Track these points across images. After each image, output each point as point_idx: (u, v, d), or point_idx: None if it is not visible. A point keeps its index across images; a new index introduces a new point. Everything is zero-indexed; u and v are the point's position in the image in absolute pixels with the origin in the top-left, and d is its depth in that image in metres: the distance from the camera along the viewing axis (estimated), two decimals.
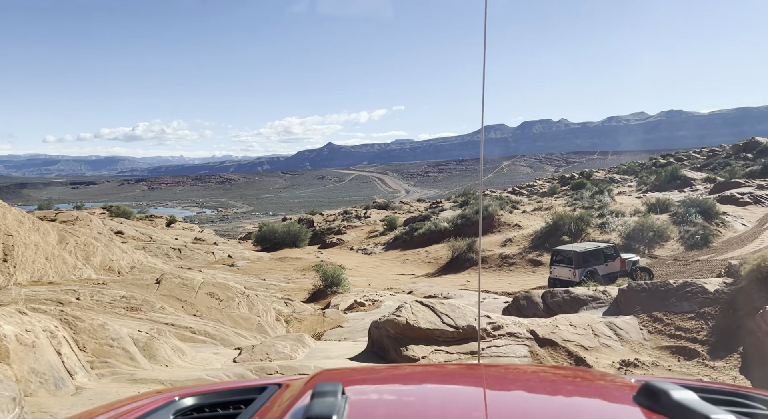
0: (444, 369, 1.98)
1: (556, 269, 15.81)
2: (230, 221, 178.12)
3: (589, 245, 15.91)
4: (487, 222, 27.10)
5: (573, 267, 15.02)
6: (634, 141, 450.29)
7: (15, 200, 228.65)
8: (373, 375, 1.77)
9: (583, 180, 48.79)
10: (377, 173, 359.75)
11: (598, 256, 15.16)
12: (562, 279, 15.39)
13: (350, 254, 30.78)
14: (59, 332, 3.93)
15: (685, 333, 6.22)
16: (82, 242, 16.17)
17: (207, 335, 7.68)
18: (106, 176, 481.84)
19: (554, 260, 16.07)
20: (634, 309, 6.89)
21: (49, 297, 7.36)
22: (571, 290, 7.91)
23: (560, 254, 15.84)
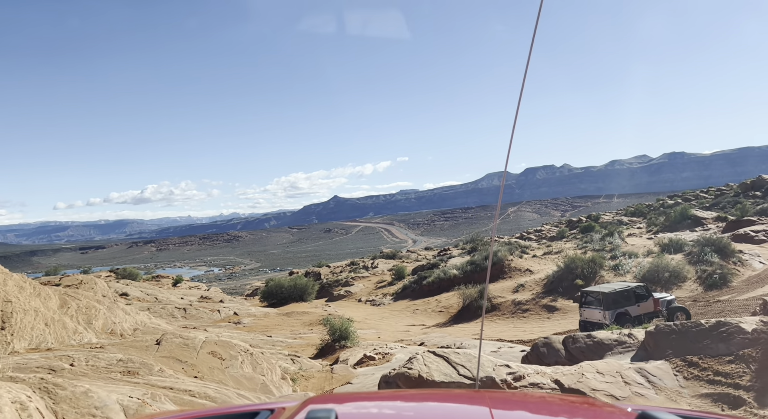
0: (442, 393, 1.92)
1: (586, 312, 15.18)
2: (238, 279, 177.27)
3: (618, 285, 15.29)
4: (497, 268, 26.56)
5: (603, 309, 14.41)
6: (637, 184, 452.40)
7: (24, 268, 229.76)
8: (367, 400, 1.74)
9: (591, 223, 48.34)
10: (383, 224, 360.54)
11: (629, 297, 14.55)
12: (593, 322, 14.77)
13: (358, 306, 30.08)
14: (32, 403, 3.56)
15: (726, 378, 5.70)
16: (84, 305, 15.80)
17: (207, 398, 7.19)
18: (114, 239, 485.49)
19: (583, 302, 15.47)
20: (665, 353, 6.36)
21: (41, 365, 6.96)
22: (594, 334, 7.40)
23: (589, 295, 15.25)
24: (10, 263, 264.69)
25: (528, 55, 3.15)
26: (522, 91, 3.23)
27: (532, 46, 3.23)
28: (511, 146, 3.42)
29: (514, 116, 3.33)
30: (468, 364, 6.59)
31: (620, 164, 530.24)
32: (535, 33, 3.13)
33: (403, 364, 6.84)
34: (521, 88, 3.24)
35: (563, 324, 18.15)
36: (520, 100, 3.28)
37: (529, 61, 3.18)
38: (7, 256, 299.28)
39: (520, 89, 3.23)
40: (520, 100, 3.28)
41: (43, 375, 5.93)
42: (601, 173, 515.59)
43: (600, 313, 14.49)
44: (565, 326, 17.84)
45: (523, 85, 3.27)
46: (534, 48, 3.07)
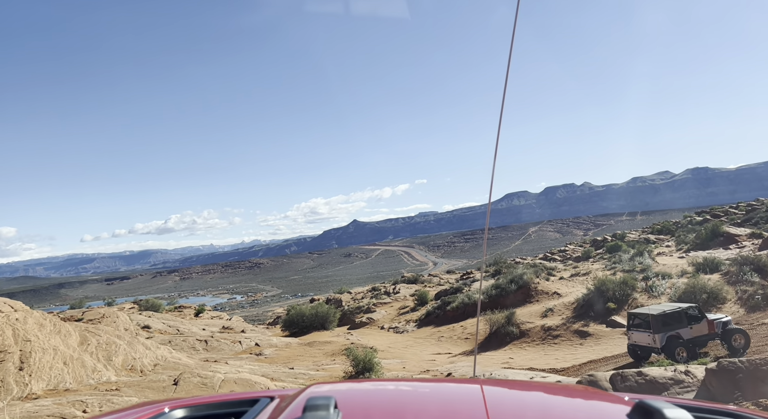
0: (441, 381, 1.97)
1: (635, 335, 14.39)
2: (260, 306, 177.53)
3: (668, 306, 14.40)
4: (523, 291, 25.77)
5: (652, 332, 13.59)
6: (661, 201, 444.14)
7: (53, 300, 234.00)
8: (367, 388, 1.73)
9: (617, 242, 47.05)
10: (403, 247, 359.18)
11: (680, 318, 13.68)
12: (642, 345, 13.99)
13: (381, 334, 29.41)
14: None
15: None
16: (104, 341, 15.60)
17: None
18: (139, 269, 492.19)
19: (631, 324, 14.68)
20: (733, 396, 5.64)
21: (52, 413, 6.65)
22: (646, 371, 6.74)
23: (637, 317, 14.48)
24: (40, 296, 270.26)
25: (504, 86, 3.29)
26: (500, 124, 3.21)
27: (507, 75, 3.29)
28: (493, 176, 3.38)
29: (495, 146, 3.30)
30: None
31: (642, 180, 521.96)
32: (510, 58, 3.28)
33: None
34: (499, 122, 3.22)
35: (597, 351, 17.30)
36: (499, 131, 3.21)
37: (505, 92, 3.14)
38: (36, 289, 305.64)
39: (498, 122, 3.21)
40: (499, 132, 3.21)
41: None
42: (623, 190, 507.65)
43: (649, 336, 13.69)
44: (599, 353, 17.00)
45: (501, 116, 3.20)
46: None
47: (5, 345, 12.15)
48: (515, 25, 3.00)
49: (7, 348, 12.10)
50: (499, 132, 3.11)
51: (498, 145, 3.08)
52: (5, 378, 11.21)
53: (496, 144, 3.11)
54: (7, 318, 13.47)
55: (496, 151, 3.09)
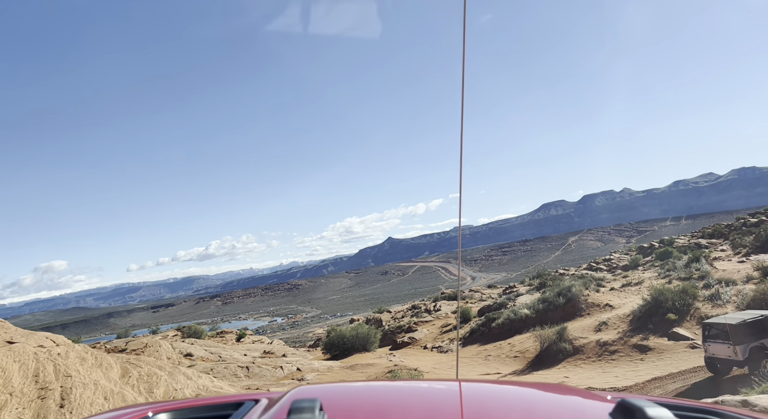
0: (422, 382, 1.93)
1: (712, 347, 13.22)
2: (300, 327, 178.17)
3: (747, 314, 13.17)
4: (572, 304, 24.50)
5: (732, 343, 12.41)
6: (706, 203, 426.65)
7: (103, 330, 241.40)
8: (352, 390, 1.75)
9: (667, 248, 44.78)
10: (440, 262, 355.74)
11: (763, 327, 12.45)
12: (722, 358, 12.86)
13: (425, 354, 28.47)
14: None
15: None
16: (145, 373, 15.38)
17: None
18: (183, 296, 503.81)
19: (707, 335, 13.54)
20: None
21: None
22: (752, 400, 5.75)
23: (713, 327, 13.33)
24: (91, 326, 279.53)
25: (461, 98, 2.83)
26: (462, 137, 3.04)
27: (463, 83, 2.85)
28: (461, 196, 3.56)
29: (459, 169, 3.50)
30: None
31: (685, 184, 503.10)
32: (464, 63, 2.76)
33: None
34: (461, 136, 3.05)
35: (661, 367, 16.00)
36: (461, 149, 3.34)
37: (463, 105, 2.96)
38: (87, 319, 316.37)
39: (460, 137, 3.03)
40: (461, 150, 3.34)
41: None
42: (664, 194, 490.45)
43: (729, 348, 12.49)
44: (663, 369, 15.71)
45: (462, 133, 3.04)
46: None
47: (46, 382, 12.01)
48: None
49: (48, 384, 11.95)
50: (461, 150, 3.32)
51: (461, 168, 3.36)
52: (46, 416, 11.01)
53: (460, 173, 3.33)
54: (49, 353, 13.40)
55: (461, 178, 3.29)
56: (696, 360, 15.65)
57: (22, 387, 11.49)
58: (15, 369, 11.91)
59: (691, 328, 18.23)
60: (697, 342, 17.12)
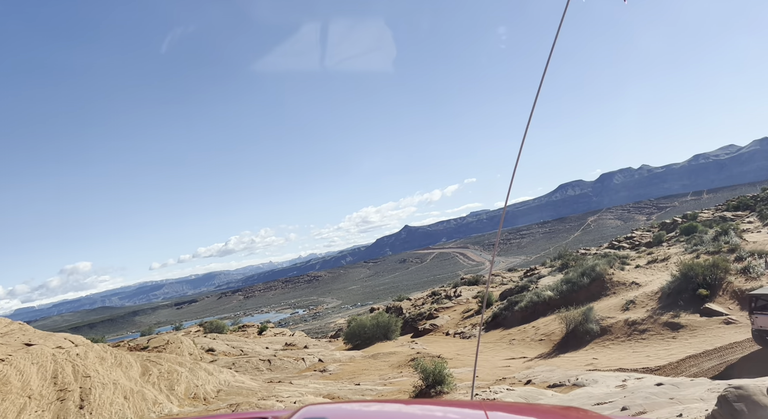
0: (434, 400, 2.07)
1: (760, 319, 12.69)
2: (322, 318, 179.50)
3: None
4: (597, 284, 23.83)
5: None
6: (728, 176, 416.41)
7: (129, 328, 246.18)
8: (361, 407, 1.83)
9: (692, 223, 43.55)
10: (458, 248, 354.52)
11: None
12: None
13: (447, 341, 28.09)
14: None
15: None
16: (165, 370, 15.24)
17: None
18: (205, 292, 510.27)
19: (754, 307, 13.02)
20: None
21: None
22: None
23: (760, 299, 12.81)
24: (117, 324, 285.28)
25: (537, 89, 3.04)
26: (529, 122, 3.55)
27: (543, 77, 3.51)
28: (514, 174, 3.51)
29: (521, 143, 3.50)
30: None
31: (705, 157, 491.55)
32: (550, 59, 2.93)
33: None
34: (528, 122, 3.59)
35: (695, 345, 15.36)
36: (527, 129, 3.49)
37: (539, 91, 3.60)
38: (113, 318, 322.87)
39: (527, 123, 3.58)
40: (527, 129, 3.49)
41: None
42: (684, 169, 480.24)
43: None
44: (698, 346, 15.07)
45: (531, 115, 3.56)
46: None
47: (65, 383, 11.86)
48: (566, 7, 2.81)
49: (67, 385, 11.80)
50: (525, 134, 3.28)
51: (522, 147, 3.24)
52: (66, 417, 10.86)
53: (521, 147, 3.23)
54: (68, 354, 13.27)
55: (519, 154, 3.20)
56: (732, 336, 14.99)
57: (40, 390, 11.35)
58: (33, 371, 11.78)
59: (724, 303, 17.51)
60: (732, 316, 16.42)
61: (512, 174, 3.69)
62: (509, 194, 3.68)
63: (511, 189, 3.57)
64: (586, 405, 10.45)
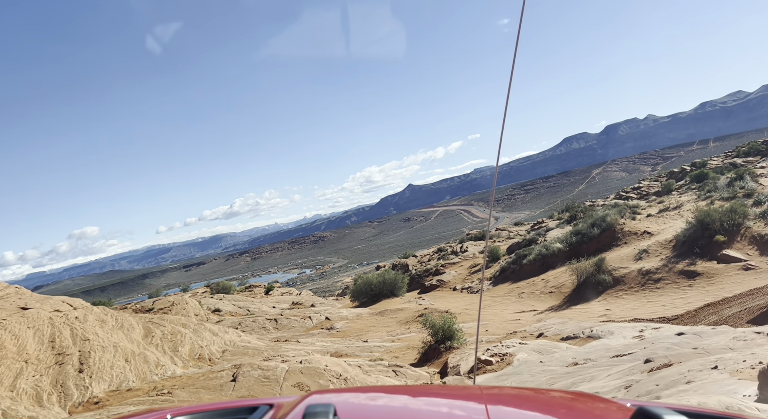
0: (441, 389, 1.95)
1: None
2: (329, 277, 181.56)
3: None
4: (608, 235, 23.24)
5: None
6: (735, 124, 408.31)
7: (139, 290, 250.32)
8: (367, 395, 1.71)
9: (702, 170, 42.54)
10: (462, 206, 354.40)
11: None
12: None
13: (454, 296, 27.86)
14: None
15: None
16: (169, 331, 14.91)
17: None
18: (213, 254, 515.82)
19: None
20: None
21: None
22: None
23: None
24: (127, 287, 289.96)
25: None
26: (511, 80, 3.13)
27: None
28: (502, 136, 3.23)
29: (505, 104, 3.13)
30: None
31: (712, 105, 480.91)
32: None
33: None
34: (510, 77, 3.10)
35: (712, 292, 14.86)
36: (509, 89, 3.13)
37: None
38: (124, 281, 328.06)
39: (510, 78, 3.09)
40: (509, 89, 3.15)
41: None
42: (690, 118, 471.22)
43: None
44: (715, 294, 14.57)
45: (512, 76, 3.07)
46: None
47: (63, 347, 11.50)
48: None
49: (66, 349, 11.44)
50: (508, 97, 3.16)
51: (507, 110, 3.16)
52: (65, 382, 10.51)
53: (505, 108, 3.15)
54: (66, 317, 12.88)
55: (505, 115, 3.13)
56: (752, 282, 14.46)
57: (38, 354, 10.99)
58: (29, 335, 11.40)
59: (742, 249, 16.90)
60: (752, 262, 15.84)
61: (501, 129, 3.56)
62: (500, 150, 3.44)
63: (501, 146, 3.39)
64: (603, 358, 10.01)
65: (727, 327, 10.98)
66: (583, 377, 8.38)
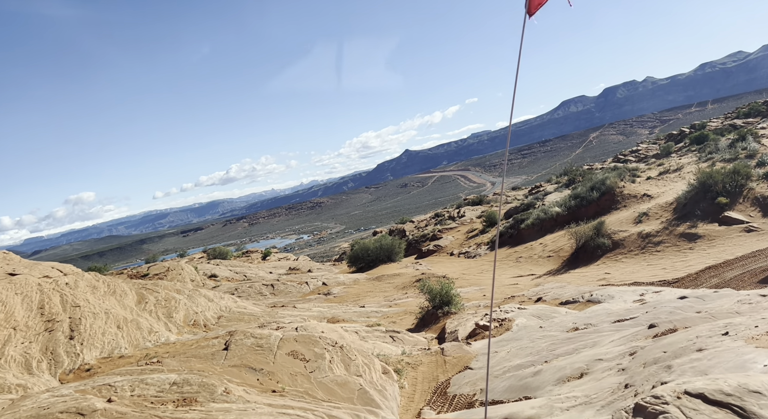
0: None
1: None
2: (326, 243, 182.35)
3: None
4: (607, 198, 22.94)
5: None
6: (734, 85, 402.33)
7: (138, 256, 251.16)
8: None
9: (702, 132, 41.95)
10: (459, 171, 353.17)
11: None
12: None
13: (452, 261, 27.77)
14: None
15: None
16: (162, 298, 14.70)
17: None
18: (210, 220, 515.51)
19: None
20: None
21: (67, 408, 5.20)
22: None
23: None
24: (126, 253, 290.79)
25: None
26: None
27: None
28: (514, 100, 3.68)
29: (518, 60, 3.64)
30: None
31: (712, 66, 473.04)
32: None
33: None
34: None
35: (714, 255, 14.66)
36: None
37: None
38: (122, 247, 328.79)
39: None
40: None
41: None
42: (689, 80, 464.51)
43: None
44: (717, 256, 14.37)
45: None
46: None
47: (53, 313, 11.24)
48: None
49: (55, 316, 11.19)
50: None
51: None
52: (55, 349, 10.30)
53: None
54: (56, 283, 12.59)
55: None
56: (755, 244, 14.24)
57: (26, 321, 10.73)
58: (17, 301, 11.12)
59: (744, 210, 16.64)
60: (754, 224, 15.60)
61: (513, 95, 3.05)
62: (512, 114, 3.28)
63: (513, 109, 3.21)
64: (605, 323, 9.81)
65: (730, 290, 10.78)
66: (585, 342, 8.17)
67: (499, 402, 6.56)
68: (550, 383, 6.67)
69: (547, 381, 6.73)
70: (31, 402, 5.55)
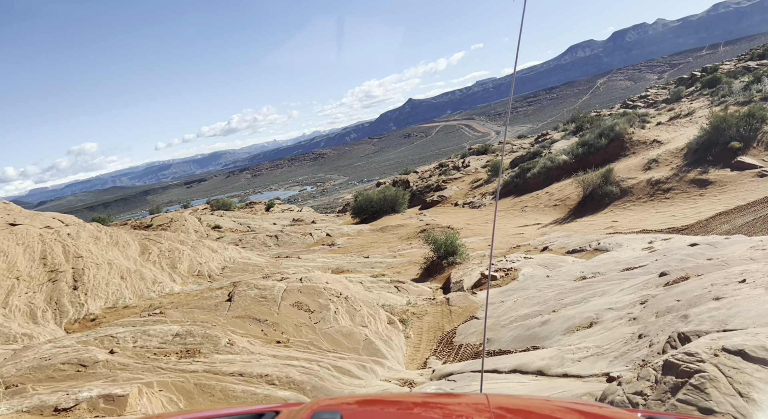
0: (449, 397, 1.93)
1: None
2: (330, 194, 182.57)
3: None
4: (615, 145, 22.42)
5: None
6: (748, 25, 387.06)
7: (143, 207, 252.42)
8: (375, 404, 1.72)
9: (714, 75, 40.63)
10: (463, 120, 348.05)
11: None
12: None
13: (456, 211, 27.61)
14: None
15: None
16: (166, 249, 14.64)
17: (291, 385, 5.06)
18: (213, 171, 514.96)
19: None
20: None
21: (69, 359, 5.13)
22: None
23: None
24: (131, 203, 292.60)
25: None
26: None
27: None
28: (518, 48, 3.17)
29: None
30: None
31: (725, 6, 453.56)
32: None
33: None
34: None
35: (725, 200, 14.38)
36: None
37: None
38: (126, 198, 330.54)
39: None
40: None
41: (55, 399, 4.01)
42: (701, 21, 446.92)
43: None
44: (728, 202, 14.09)
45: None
46: None
47: (55, 264, 11.18)
48: None
49: (58, 266, 11.13)
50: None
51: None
52: (59, 299, 10.29)
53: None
54: (57, 234, 12.48)
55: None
56: (767, 189, 13.92)
57: (29, 271, 10.69)
58: (19, 251, 11.04)
59: (758, 155, 16.20)
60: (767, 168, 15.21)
61: (518, 41, 2.82)
62: (516, 63, 2.86)
63: (518, 55, 2.75)
64: (613, 271, 9.66)
65: (742, 236, 10.55)
66: (593, 291, 8.04)
67: (507, 352, 6.48)
68: (559, 332, 6.57)
69: (556, 331, 6.63)
70: (33, 352, 5.48)
